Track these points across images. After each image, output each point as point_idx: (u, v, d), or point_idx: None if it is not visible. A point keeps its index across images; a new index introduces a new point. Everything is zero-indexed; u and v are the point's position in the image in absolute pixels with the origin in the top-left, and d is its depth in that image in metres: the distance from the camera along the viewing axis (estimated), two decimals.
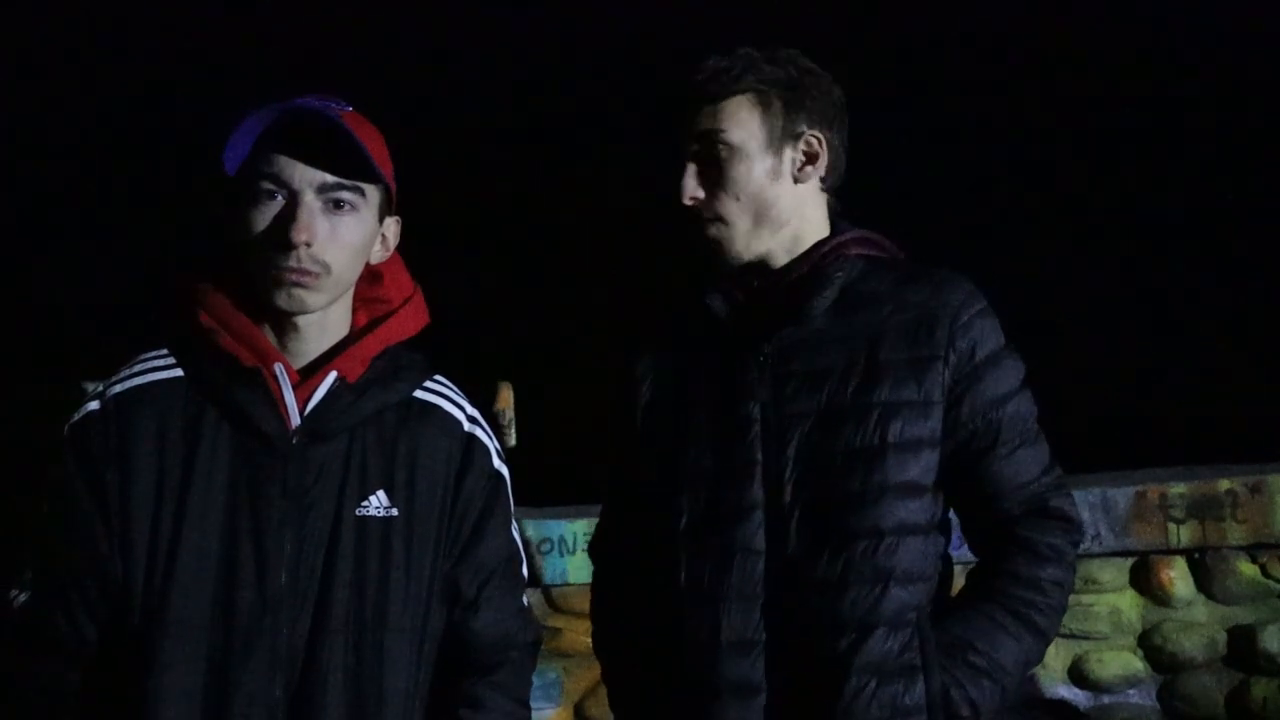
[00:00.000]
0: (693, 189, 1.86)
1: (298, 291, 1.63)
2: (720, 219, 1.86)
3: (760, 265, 1.90)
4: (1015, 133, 7.62)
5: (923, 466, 1.81)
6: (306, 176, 1.62)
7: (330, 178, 1.63)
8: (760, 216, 1.86)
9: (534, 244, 7.59)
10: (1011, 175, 7.62)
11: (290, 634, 1.60)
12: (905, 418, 1.80)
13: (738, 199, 1.85)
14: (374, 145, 1.67)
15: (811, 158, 1.90)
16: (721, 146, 1.85)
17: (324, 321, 1.69)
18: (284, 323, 1.67)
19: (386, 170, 1.69)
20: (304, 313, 1.66)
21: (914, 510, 1.80)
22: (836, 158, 1.93)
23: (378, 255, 1.74)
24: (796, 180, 1.89)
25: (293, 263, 1.61)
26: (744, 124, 1.85)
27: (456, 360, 1.84)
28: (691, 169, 1.87)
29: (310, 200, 1.62)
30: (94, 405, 1.66)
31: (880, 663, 1.75)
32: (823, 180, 1.92)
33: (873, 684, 1.74)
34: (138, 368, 1.68)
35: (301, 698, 1.59)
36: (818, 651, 1.77)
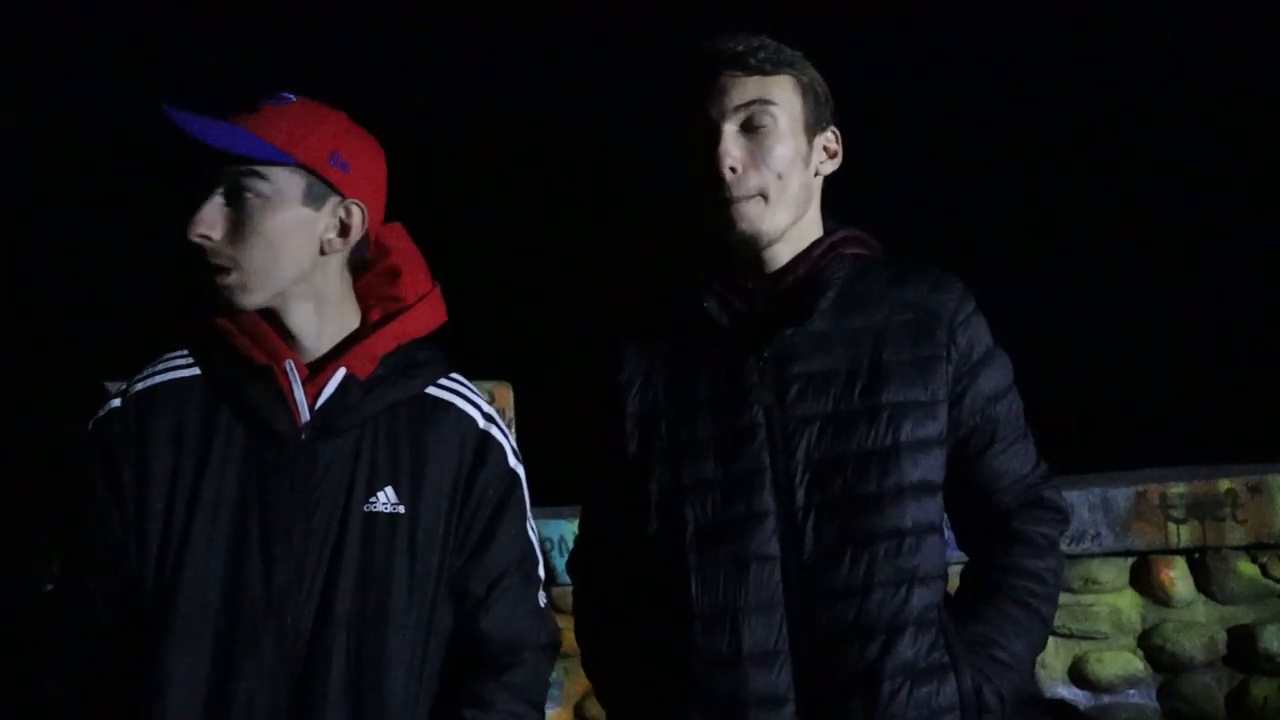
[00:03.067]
0: (736, 155, 1.78)
1: (219, 288, 1.64)
2: (760, 194, 1.79)
3: (755, 264, 1.86)
4: (1013, 129, 7.62)
5: (933, 465, 1.81)
6: (214, 172, 1.63)
7: (228, 168, 1.62)
8: (789, 199, 1.82)
9: (534, 243, 7.59)
10: (1011, 172, 7.62)
11: (295, 626, 1.62)
12: (915, 418, 1.79)
13: (778, 176, 1.79)
14: (276, 130, 1.64)
15: (832, 154, 1.89)
16: (769, 119, 1.79)
17: (318, 319, 1.70)
18: (275, 322, 1.69)
19: (310, 154, 1.65)
20: (240, 308, 1.66)
21: (929, 509, 1.81)
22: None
23: (336, 244, 1.70)
24: (817, 172, 1.88)
25: (205, 259, 1.63)
26: (789, 104, 1.81)
27: (457, 360, 1.83)
28: (732, 133, 1.78)
29: (217, 194, 1.63)
30: (116, 402, 1.70)
31: (912, 664, 1.74)
32: (825, 179, 1.92)
33: (907, 686, 1.73)
34: (159, 367, 1.72)
35: (305, 688, 1.61)
36: (848, 657, 1.74)
